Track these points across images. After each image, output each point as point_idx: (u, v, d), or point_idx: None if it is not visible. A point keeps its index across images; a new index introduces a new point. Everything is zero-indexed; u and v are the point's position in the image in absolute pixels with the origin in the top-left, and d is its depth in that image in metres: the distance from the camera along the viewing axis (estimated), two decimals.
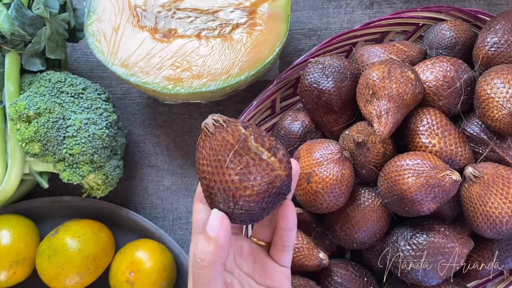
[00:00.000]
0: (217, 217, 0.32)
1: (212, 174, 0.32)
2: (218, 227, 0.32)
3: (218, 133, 0.32)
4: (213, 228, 0.32)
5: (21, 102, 0.50)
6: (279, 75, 0.55)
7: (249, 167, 0.32)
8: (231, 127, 0.32)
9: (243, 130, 0.32)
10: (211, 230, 0.32)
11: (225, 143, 0.32)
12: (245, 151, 0.32)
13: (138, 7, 0.53)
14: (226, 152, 0.32)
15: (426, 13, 0.55)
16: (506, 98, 0.44)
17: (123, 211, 0.58)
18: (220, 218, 0.32)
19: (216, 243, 0.32)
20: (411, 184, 0.43)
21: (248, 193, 0.32)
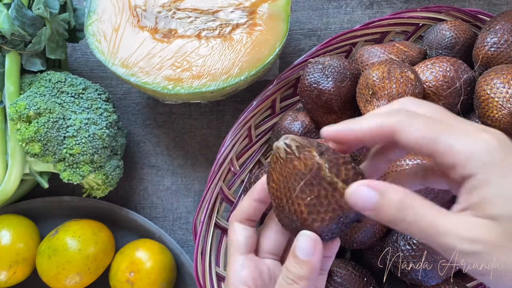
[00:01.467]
0: (310, 240, 0.30)
1: (281, 200, 0.31)
2: (313, 249, 0.30)
3: (289, 161, 0.30)
4: (306, 251, 0.30)
5: (21, 102, 0.50)
6: (279, 75, 0.55)
7: (320, 198, 0.30)
8: (304, 153, 0.30)
9: (318, 157, 0.30)
10: (304, 254, 0.30)
11: (296, 171, 0.30)
12: (317, 181, 0.29)
13: (138, 7, 0.53)
14: (297, 181, 0.30)
15: (426, 13, 0.55)
16: (506, 98, 0.44)
17: (123, 211, 0.58)
18: (313, 241, 0.30)
19: (311, 266, 0.30)
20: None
21: (316, 226, 0.30)
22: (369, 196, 0.28)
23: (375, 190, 0.28)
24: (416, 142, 0.27)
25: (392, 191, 0.27)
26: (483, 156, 0.26)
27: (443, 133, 0.27)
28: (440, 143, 0.27)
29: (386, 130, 0.28)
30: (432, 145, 0.27)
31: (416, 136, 0.27)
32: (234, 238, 0.35)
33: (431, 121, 0.28)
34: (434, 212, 0.27)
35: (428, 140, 0.27)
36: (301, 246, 0.30)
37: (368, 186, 0.28)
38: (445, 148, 0.26)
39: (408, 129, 0.27)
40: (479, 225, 0.26)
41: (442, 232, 0.26)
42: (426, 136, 0.27)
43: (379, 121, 0.29)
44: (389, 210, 0.27)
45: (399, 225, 0.27)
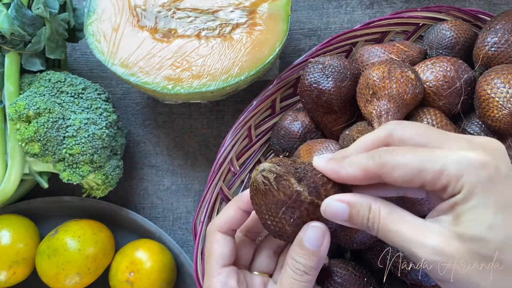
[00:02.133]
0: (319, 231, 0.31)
1: (266, 220, 0.32)
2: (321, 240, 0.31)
3: (268, 192, 0.31)
4: (315, 241, 0.31)
5: (21, 102, 0.50)
6: (279, 75, 0.55)
7: (303, 217, 0.31)
8: (283, 184, 0.30)
9: (296, 184, 0.31)
10: (313, 244, 0.31)
11: (276, 200, 0.31)
12: (298, 204, 0.31)
13: (138, 7, 0.53)
14: (279, 207, 0.31)
15: (426, 13, 0.55)
16: (506, 98, 0.44)
17: (123, 211, 0.58)
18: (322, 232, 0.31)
19: (320, 257, 0.32)
20: None
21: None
22: (340, 209, 0.30)
23: (344, 202, 0.30)
24: (404, 180, 0.28)
25: (359, 202, 0.30)
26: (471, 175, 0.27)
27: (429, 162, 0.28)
28: (428, 173, 0.28)
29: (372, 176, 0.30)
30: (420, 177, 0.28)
31: (402, 174, 0.28)
32: (217, 250, 0.35)
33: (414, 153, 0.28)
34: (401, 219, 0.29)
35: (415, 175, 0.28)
36: (310, 237, 0.31)
37: (337, 200, 0.30)
38: (433, 176, 0.27)
39: (393, 170, 0.28)
40: (446, 241, 0.27)
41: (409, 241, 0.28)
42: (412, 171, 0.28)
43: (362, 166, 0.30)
44: (360, 219, 0.30)
45: (371, 232, 0.30)
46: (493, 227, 0.26)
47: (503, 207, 0.27)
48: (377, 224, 0.29)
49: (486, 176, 0.27)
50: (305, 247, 0.31)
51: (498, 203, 0.27)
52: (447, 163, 0.27)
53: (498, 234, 0.26)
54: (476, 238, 0.26)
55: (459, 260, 0.27)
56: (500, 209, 0.27)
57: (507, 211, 0.27)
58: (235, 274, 0.35)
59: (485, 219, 0.26)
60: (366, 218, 0.29)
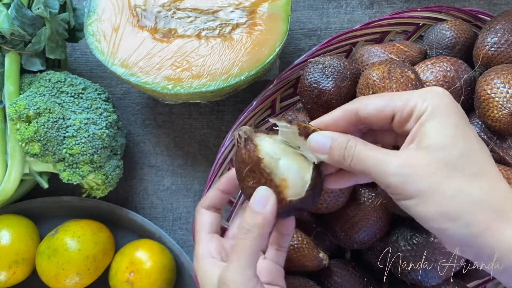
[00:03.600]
0: (264, 194, 0.34)
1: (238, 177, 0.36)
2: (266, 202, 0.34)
3: (239, 149, 0.35)
4: (261, 203, 0.34)
5: (21, 102, 0.50)
6: (279, 75, 0.55)
7: (260, 183, 0.34)
8: (249, 146, 0.35)
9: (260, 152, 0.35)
10: (258, 205, 0.34)
11: (243, 158, 0.35)
12: (257, 169, 0.34)
13: (138, 7, 0.53)
14: (244, 166, 0.35)
15: (426, 13, 0.55)
16: (506, 98, 0.44)
17: (123, 211, 0.58)
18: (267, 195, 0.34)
19: (264, 217, 0.33)
20: None
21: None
22: (323, 141, 0.34)
23: (327, 136, 0.34)
24: (376, 108, 0.33)
25: (339, 136, 0.34)
26: (434, 98, 0.31)
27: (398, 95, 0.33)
28: (397, 101, 0.32)
29: (350, 111, 0.34)
30: (391, 104, 0.32)
31: (375, 104, 0.33)
32: (200, 221, 0.40)
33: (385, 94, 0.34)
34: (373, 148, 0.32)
35: (387, 102, 0.33)
36: (256, 199, 0.34)
37: (322, 134, 0.34)
38: (403, 101, 0.32)
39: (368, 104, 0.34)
40: (412, 154, 0.30)
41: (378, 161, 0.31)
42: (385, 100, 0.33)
43: (341, 108, 0.35)
44: (339, 150, 0.33)
45: (347, 162, 0.33)
46: (455, 137, 0.30)
47: (459, 122, 0.31)
48: (353, 150, 0.32)
49: (445, 100, 0.31)
50: (251, 207, 0.34)
51: (454, 118, 0.31)
52: (412, 92, 0.32)
53: (460, 142, 0.30)
54: (441, 146, 0.30)
55: (426, 169, 0.29)
56: (458, 125, 0.30)
57: (463, 128, 0.31)
58: (217, 240, 0.39)
59: (449, 130, 0.30)
60: (343, 147, 0.33)
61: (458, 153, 0.30)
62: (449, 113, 0.31)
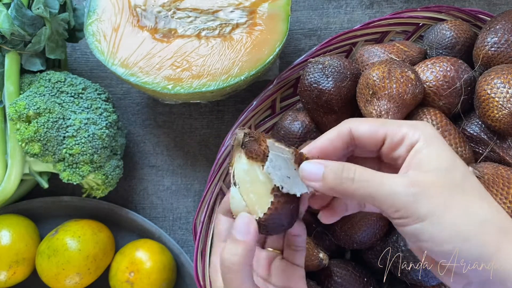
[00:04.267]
0: (245, 221, 0.33)
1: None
2: (247, 230, 0.33)
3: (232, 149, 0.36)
4: (242, 231, 0.33)
5: (21, 102, 0.50)
6: (279, 75, 0.55)
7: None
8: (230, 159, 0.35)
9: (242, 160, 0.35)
10: (240, 234, 0.33)
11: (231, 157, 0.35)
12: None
13: (138, 7, 0.53)
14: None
15: (426, 13, 0.55)
16: (506, 98, 0.44)
17: (123, 211, 0.58)
18: (247, 222, 0.33)
19: (245, 246, 0.33)
20: None
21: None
22: (316, 169, 0.33)
23: (319, 164, 0.33)
24: (370, 129, 0.33)
25: (332, 162, 0.33)
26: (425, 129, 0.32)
27: (389, 121, 0.34)
28: (390, 125, 0.33)
29: (344, 130, 0.34)
30: (384, 128, 0.33)
31: (369, 125, 0.34)
32: (217, 228, 0.39)
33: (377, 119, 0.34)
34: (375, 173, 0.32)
35: (380, 125, 0.33)
36: (237, 227, 0.33)
37: (313, 162, 0.34)
38: (395, 127, 0.33)
39: (361, 124, 0.34)
40: (419, 174, 0.31)
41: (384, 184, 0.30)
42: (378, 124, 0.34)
43: (336, 129, 0.35)
44: (333, 178, 0.32)
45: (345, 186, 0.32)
46: (455, 161, 0.31)
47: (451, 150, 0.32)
48: (352, 174, 0.32)
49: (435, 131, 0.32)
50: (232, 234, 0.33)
51: (447, 147, 0.32)
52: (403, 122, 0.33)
53: (460, 166, 0.31)
54: (445, 169, 0.30)
55: (435, 188, 0.30)
56: (450, 150, 0.32)
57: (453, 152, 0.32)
58: None
59: (448, 156, 0.31)
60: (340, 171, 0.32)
61: (460, 176, 0.30)
62: (441, 142, 0.32)
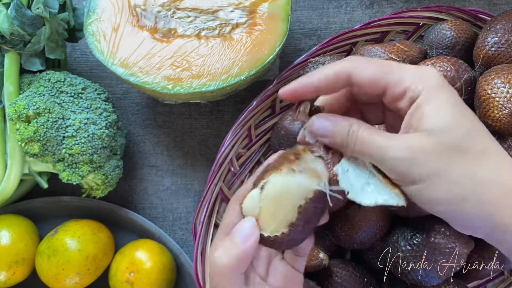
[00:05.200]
0: (250, 226, 0.32)
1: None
2: (249, 236, 0.32)
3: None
4: (243, 235, 0.32)
5: (20, 102, 0.50)
6: (279, 75, 0.55)
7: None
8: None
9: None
10: (240, 237, 0.32)
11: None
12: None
13: (137, 7, 0.53)
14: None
15: (426, 13, 0.55)
16: (507, 98, 0.44)
17: (123, 211, 0.58)
18: (252, 229, 0.32)
19: (242, 251, 0.32)
20: None
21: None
22: (326, 125, 0.33)
23: (329, 120, 0.33)
24: (371, 78, 0.31)
25: (342, 119, 0.32)
26: (429, 79, 0.30)
27: (393, 68, 0.31)
28: (392, 75, 0.31)
29: (343, 74, 0.32)
30: (385, 78, 0.31)
31: (370, 73, 0.31)
32: (228, 219, 0.36)
33: (381, 62, 0.32)
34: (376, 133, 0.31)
35: (382, 74, 0.31)
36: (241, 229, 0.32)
37: (324, 117, 0.33)
38: (396, 78, 0.31)
39: (363, 70, 0.31)
40: (415, 137, 0.29)
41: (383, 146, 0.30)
42: (379, 72, 0.31)
43: (335, 68, 0.32)
44: (341, 134, 0.32)
45: (349, 146, 0.32)
46: (456, 118, 0.29)
47: (457, 104, 0.30)
48: (355, 134, 0.31)
49: (440, 81, 0.30)
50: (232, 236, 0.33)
51: (452, 100, 0.30)
52: (408, 70, 0.31)
53: (461, 124, 0.29)
54: (443, 129, 0.29)
55: (432, 152, 0.29)
56: (455, 105, 0.30)
57: (461, 108, 0.30)
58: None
59: (449, 112, 0.29)
60: (346, 131, 0.32)
61: (461, 135, 0.29)
62: (446, 95, 0.30)
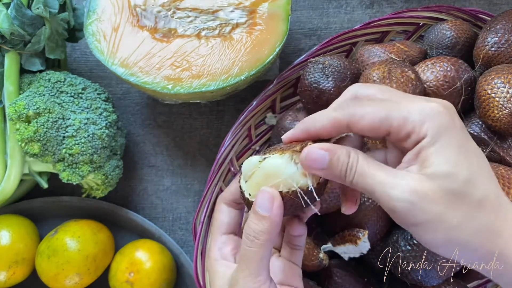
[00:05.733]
0: (268, 196, 0.31)
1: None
2: (271, 204, 0.31)
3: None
4: (265, 206, 0.31)
5: (20, 102, 0.50)
6: (279, 75, 0.55)
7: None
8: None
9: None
10: (263, 209, 0.31)
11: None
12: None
13: (137, 7, 0.53)
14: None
15: (426, 13, 0.55)
16: (507, 98, 0.44)
17: (123, 211, 0.58)
18: (270, 196, 0.31)
19: (271, 221, 0.31)
20: None
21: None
22: (321, 156, 0.31)
23: (325, 150, 0.31)
24: (371, 126, 0.30)
25: (340, 150, 0.31)
26: (434, 119, 0.29)
27: (394, 110, 0.30)
28: (394, 119, 0.29)
29: (340, 125, 0.31)
30: (386, 123, 0.30)
31: (369, 121, 0.30)
32: (218, 218, 0.37)
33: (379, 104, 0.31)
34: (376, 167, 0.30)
35: (382, 121, 0.30)
36: (260, 203, 0.31)
37: (319, 147, 0.31)
38: (398, 123, 0.29)
39: (361, 118, 0.30)
40: (419, 180, 0.29)
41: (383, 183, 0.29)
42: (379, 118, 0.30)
43: (331, 118, 0.31)
44: (338, 166, 0.30)
45: (348, 179, 0.30)
46: (459, 163, 0.29)
47: (462, 148, 0.29)
48: (354, 168, 0.30)
49: (446, 121, 0.29)
50: (256, 211, 0.32)
51: (458, 144, 0.29)
52: (410, 111, 0.29)
53: (463, 168, 0.29)
54: (446, 174, 0.28)
55: (432, 197, 0.28)
56: (460, 149, 0.29)
57: (466, 151, 0.29)
58: (233, 242, 0.37)
59: (451, 157, 0.29)
60: (345, 163, 0.30)
61: (462, 181, 0.29)
62: (450, 137, 0.29)
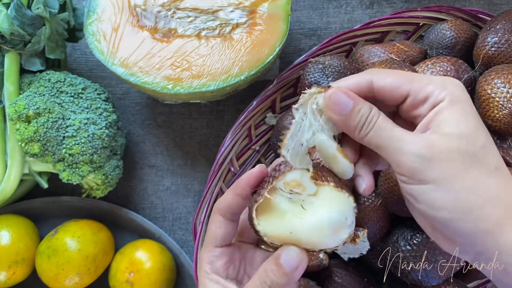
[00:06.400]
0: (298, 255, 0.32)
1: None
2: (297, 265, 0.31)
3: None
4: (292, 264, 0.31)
5: (20, 102, 0.50)
6: (279, 75, 0.55)
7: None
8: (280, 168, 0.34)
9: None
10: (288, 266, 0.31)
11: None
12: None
13: (137, 7, 0.53)
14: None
15: (426, 13, 0.55)
16: (507, 98, 0.44)
17: (123, 211, 0.58)
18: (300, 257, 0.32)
19: (291, 279, 0.31)
20: None
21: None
22: (345, 102, 0.31)
23: (351, 98, 0.31)
24: (393, 84, 0.31)
25: (363, 102, 0.31)
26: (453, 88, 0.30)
27: (415, 76, 0.31)
28: (415, 82, 0.30)
29: (364, 82, 0.31)
30: (408, 84, 0.30)
31: (392, 79, 0.31)
32: (213, 231, 0.36)
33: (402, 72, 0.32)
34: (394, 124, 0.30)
35: (404, 81, 0.31)
36: (288, 258, 0.31)
37: (346, 93, 0.31)
38: (420, 85, 0.30)
39: (385, 77, 0.31)
40: (436, 137, 0.29)
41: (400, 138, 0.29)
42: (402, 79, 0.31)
43: (356, 77, 0.32)
44: (358, 117, 0.30)
45: (363, 132, 0.31)
46: (477, 128, 0.29)
47: (477, 116, 0.30)
48: (373, 122, 0.30)
49: (464, 93, 0.30)
50: (280, 264, 0.31)
51: (473, 112, 0.30)
52: (432, 78, 0.31)
53: (481, 134, 0.29)
54: (464, 136, 0.28)
55: (449, 155, 0.28)
56: (475, 117, 0.30)
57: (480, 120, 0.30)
58: (226, 256, 0.36)
59: (470, 121, 0.29)
60: (365, 116, 0.30)
61: (480, 145, 0.28)
62: (468, 106, 0.30)
